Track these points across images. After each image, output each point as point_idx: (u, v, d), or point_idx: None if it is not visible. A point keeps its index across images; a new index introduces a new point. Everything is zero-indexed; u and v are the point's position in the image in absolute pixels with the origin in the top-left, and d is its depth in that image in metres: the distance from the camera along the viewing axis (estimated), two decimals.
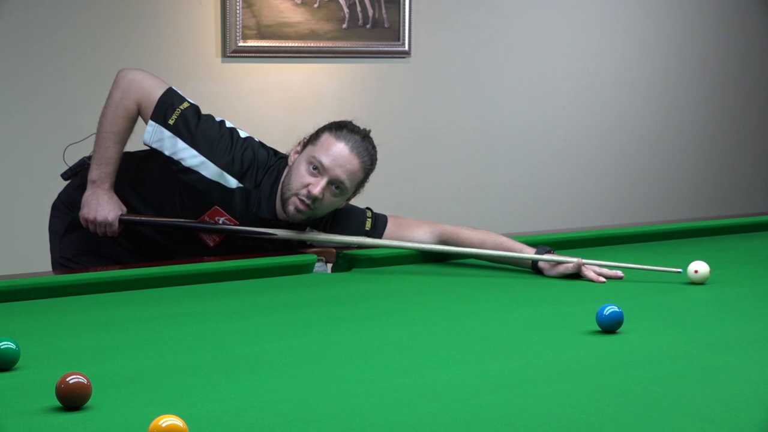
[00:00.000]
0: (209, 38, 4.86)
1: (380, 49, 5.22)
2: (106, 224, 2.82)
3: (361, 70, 5.24)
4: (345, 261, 2.89)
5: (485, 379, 1.83)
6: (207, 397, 1.72)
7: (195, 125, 2.79)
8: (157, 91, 2.81)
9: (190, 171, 2.78)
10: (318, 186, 2.73)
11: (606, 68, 5.88)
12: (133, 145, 2.91)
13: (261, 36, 4.92)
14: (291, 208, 2.76)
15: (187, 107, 2.81)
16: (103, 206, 2.81)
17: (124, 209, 2.85)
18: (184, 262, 2.74)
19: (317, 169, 2.74)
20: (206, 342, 2.10)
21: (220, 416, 1.62)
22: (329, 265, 2.88)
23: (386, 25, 5.20)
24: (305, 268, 2.83)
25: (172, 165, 2.80)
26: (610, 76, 5.89)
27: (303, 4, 4.99)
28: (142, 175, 2.92)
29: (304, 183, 2.74)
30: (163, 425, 1.43)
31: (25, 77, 4.54)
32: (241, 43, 4.88)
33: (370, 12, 5.15)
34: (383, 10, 5.18)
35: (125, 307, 2.42)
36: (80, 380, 1.64)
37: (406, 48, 5.27)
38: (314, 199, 2.73)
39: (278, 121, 5.00)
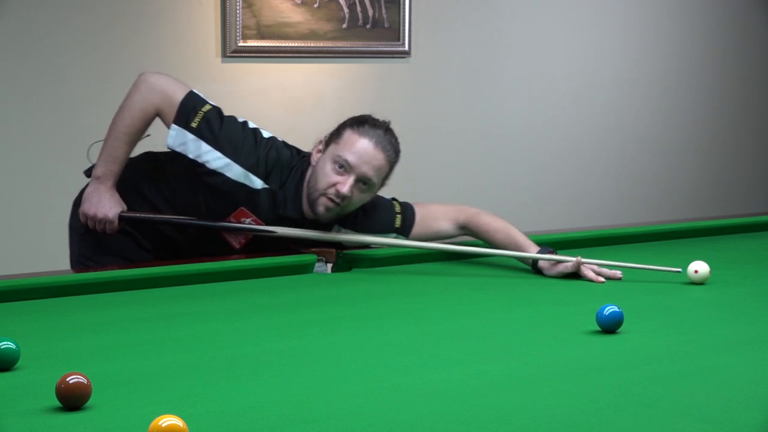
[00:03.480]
0: (209, 38, 4.86)
1: (380, 49, 5.22)
2: (106, 221, 2.81)
3: (361, 70, 5.24)
4: (345, 261, 2.89)
5: (485, 379, 1.83)
6: (207, 397, 1.72)
7: (218, 127, 2.78)
8: (179, 95, 2.81)
9: (215, 173, 2.77)
10: (346, 185, 2.73)
11: (606, 68, 5.87)
12: (147, 148, 2.90)
13: (261, 36, 4.91)
14: (321, 208, 2.76)
15: (209, 109, 2.81)
16: (104, 203, 2.81)
17: (125, 207, 2.85)
18: (184, 262, 2.74)
19: (343, 167, 2.74)
20: (206, 342, 2.10)
21: (220, 416, 1.62)
22: (329, 265, 2.88)
23: (386, 25, 5.20)
24: (305, 268, 2.83)
25: (196, 167, 2.78)
26: (610, 76, 5.89)
27: (303, 4, 4.99)
28: (167, 178, 2.90)
29: (331, 182, 2.74)
30: (163, 425, 1.43)
31: (25, 77, 4.54)
32: (241, 43, 4.87)
33: (370, 12, 5.15)
34: (383, 10, 5.17)
35: (125, 307, 2.42)
36: (80, 380, 1.64)
37: (406, 48, 5.27)
38: (343, 197, 2.74)
39: (278, 121, 4.99)
